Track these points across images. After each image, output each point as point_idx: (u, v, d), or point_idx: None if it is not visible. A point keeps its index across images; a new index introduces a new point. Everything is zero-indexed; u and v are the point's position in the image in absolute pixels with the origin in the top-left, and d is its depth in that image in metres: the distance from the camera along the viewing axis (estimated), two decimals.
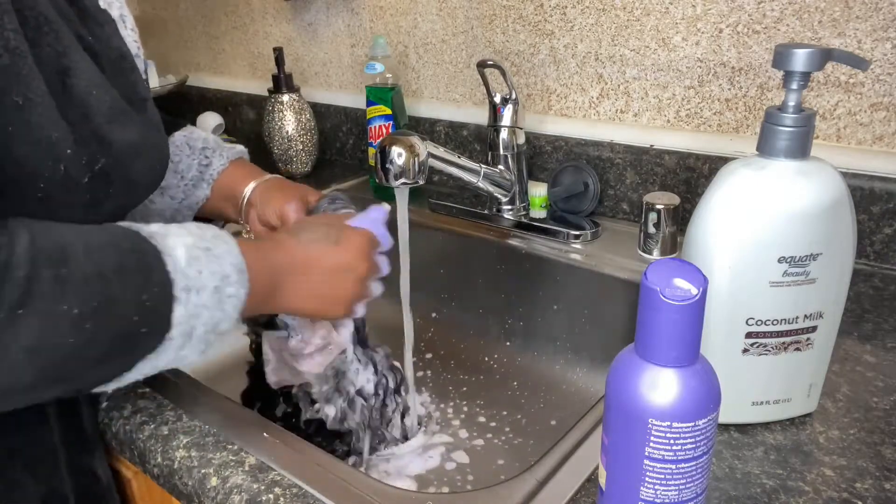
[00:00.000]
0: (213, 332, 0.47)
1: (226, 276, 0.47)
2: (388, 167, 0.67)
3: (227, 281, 0.47)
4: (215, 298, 0.46)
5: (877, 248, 0.75)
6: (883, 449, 0.49)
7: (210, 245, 0.47)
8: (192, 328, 0.45)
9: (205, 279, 0.46)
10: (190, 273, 0.45)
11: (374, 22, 1.13)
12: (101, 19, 0.52)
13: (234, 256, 0.48)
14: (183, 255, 0.45)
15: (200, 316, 0.46)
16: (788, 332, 0.49)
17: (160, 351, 0.45)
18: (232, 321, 0.48)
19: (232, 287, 0.47)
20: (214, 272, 0.46)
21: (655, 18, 0.83)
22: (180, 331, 0.45)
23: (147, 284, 0.43)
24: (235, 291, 0.48)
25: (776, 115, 0.46)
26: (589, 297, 0.81)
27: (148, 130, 0.53)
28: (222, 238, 0.49)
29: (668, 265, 0.35)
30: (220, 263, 0.47)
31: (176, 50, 1.56)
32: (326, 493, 0.48)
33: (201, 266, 0.46)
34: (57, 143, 0.44)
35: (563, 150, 0.94)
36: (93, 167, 0.47)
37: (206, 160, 0.71)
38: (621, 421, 0.37)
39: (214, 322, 0.47)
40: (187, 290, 0.45)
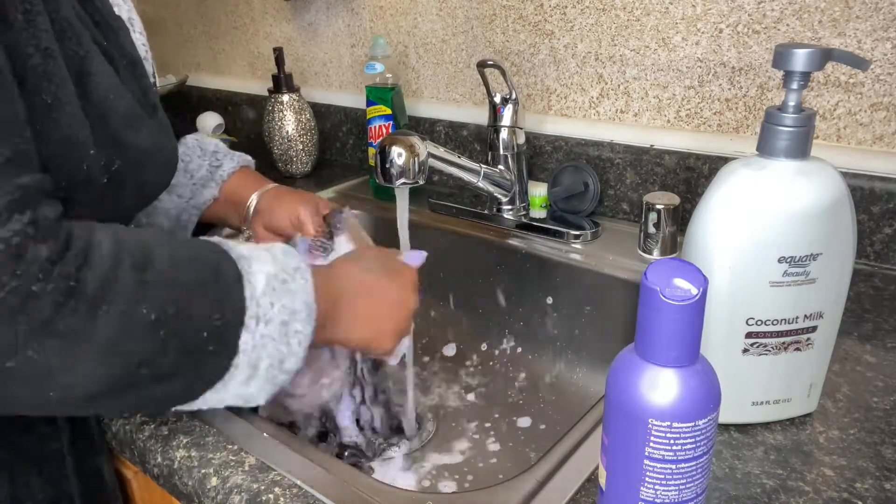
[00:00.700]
0: (279, 370, 0.47)
1: (295, 312, 0.47)
2: (388, 167, 0.67)
3: (295, 317, 0.47)
4: (282, 331, 0.46)
5: (877, 248, 0.75)
6: (883, 449, 0.49)
7: (288, 278, 0.47)
8: (258, 359, 0.45)
9: (275, 312, 0.46)
10: (263, 303, 0.45)
11: (374, 22, 1.13)
12: (115, 25, 0.53)
13: (307, 294, 0.48)
14: (262, 283, 0.45)
15: (266, 347, 0.45)
16: (788, 332, 0.49)
17: (227, 380, 0.44)
18: (298, 359, 0.48)
19: (299, 323, 0.47)
20: (286, 306, 0.46)
21: (655, 18, 0.83)
22: (246, 360, 0.44)
23: (221, 305, 0.43)
24: (302, 328, 0.47)
25: (776, 115, 0.46)
26: (589, 297, 0.81)
27: (159, 135, 0.54)
28: (301, 272, 0.49)
29: (668, 265, 0.35)
30: (293, 299, 0.47)
31: (176, 50, 1.56)
32: (326, 493, 0.48)
33: (275, 298, 0.46)
34: (82, 144, 0.45)
35: (563, 150, 0.94)
36: (109, 169, 0.47)
37: (217, 162, 0.72)
38: (621, 421, 0.37)
39: (280, 357, 0.46)
40: (256, 318, 0.44)
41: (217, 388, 0.45)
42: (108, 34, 0.51)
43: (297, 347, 0.47)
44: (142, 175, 0.52)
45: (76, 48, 0.46)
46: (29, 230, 0.36)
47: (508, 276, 0.89)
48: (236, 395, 0.46)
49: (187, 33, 1.51)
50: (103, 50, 0.49)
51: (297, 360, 0.48)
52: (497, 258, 0.89)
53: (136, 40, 0.56)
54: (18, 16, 0.41)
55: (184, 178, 0.71)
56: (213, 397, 0.45)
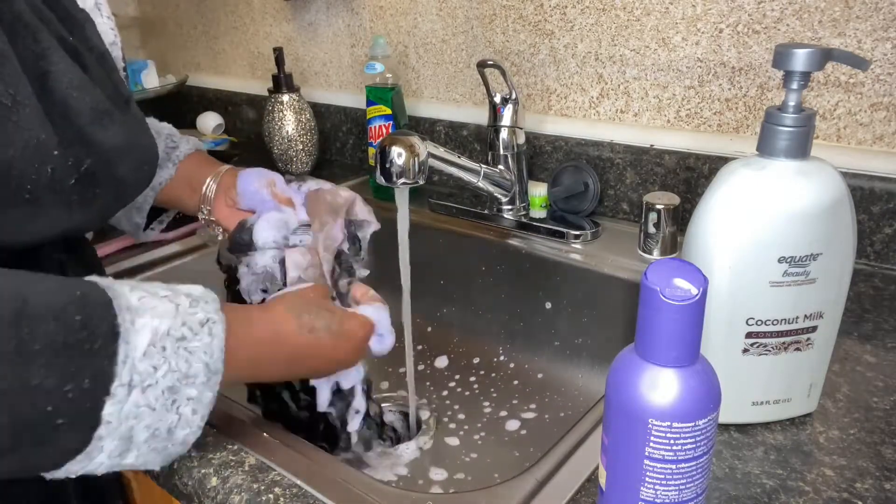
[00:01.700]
0: (167, 440, 0.42)
1: (189, 377, 0.41)
2: (388, 167, 0.67)
3: (188, 382, 0.41)
4: (167, 399, 0.40)
5: (877, 248, 0.75)
6: (883, 449, 0.49)
7: (188, 334, 0.41)
8: (131, 430, 0.39)
9: (158, 376, 0.40)
10: (141, 368, 0.39)
11: (374, 22, 1.13)
12: (80, 18, 0.51)
13: (213, 353, 0.42)
14: (144, 343, 0.39)
15: (141, 418, 0.39)
16: (788, 332, 0.49)
17: (90, 453, 0.39)
18: (195, 427, 0.43)
19: (194, 389, 0.41)
20: (175, 370, 0.40)
21: (655, 18, 0.83)
22: (113, 431, 0.39)
23: (78, 374, 0.37)
24: (198, 394, 0.42)
25: (776, 115, 0.46)
26: (589, 297, 0.81)
27: (132, 130, 0.53)
28: (210, 328, 0.43)
29: (668, 265, 0.35)
30: (189, 360, 0.41)
31: (176, 50, 1.56)
32: (326, 493, 0.48)
33: (161, 360, 0.40)
34: (44, 145, 0.43)
35: (563, 150, 0.94)
36: (79, 168, 0.46)
37: (172, 143, 0.72)
38: (621, 421, 0.37)
39: (166, 426, 0.41)
40: (129, 386, 0.38)
41: (79, 460, 0.39)
42: (72, 28, 0.49)
43: (192, 416, 0.42)
44: (115, 173, 0.50)
45: (32, 46, 0.44)
46: None
47: (508, 276, 0.89)
48: (110, 466, 0.41)
49: (187, 33, 1.51)
50: (67, 46, 0.47)
51: (192, 430, 0.43)
52: (497, 258, 0.89)
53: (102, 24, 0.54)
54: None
55: None
56: (77, 469, 0.40)
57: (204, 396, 0.42)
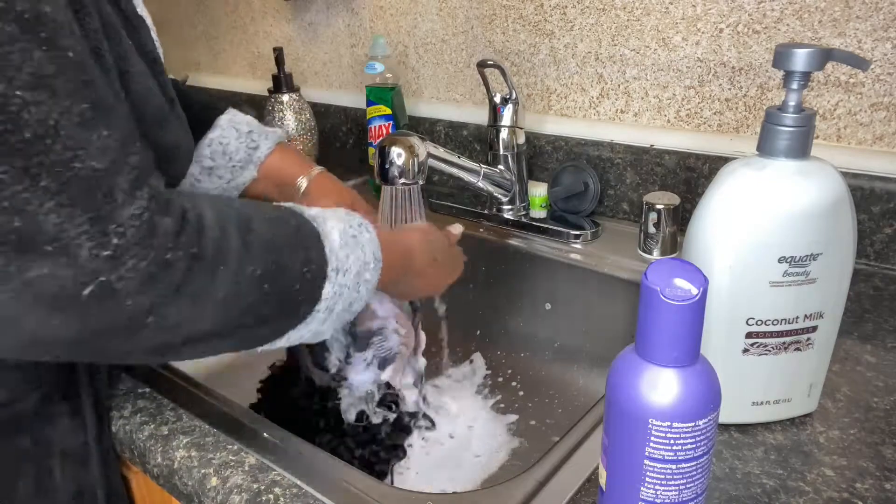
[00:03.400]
0: (347, 311, 0.52)
1: (366, 263, 0.52)
2: (387, 167, 0.67)
3: (366, 267, 0.52)
4: (356, 280, 0.51)
5: (877, 248, 0.75)
6: (883, 449, 0.49)
7: (356, 233, 0.52)
8: (335, 304, 0.50)
9: (350, 263, 0.50)
10: (341, 256, 0.49)
11: (374, 22, 1.13)
12: (137, 24, 0.53)
13: (375, 246, 0.53)
14: (337, 238, 0.50)
15: (342, 295, 0.50)
16: (788, 332, 0.49)
17: (308, 321, 0.49)
18: (363, 302, 0.53)
19: (369, 273, 0.52)
20: (359, 258, 0.51)
21: (655, 18, 0.83)
22: (326, 305, 0.49)
23: (308, 260, 0.47)
24: (371, 277, 0.52)
25: (776, 115, 0.46)
26: (589, 297, 0.81)
27: (179, 131, 0.56)
28: (365, 227, 0.53)
29: (668, 265, 0.35)
30: (364, 251, 0.52)
31: (176, 50, 1.56)
32: (326, 493, 0.48)
33: (349, 251, 0.50)
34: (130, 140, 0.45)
35: (563, 150, 0.94)
36: None
37: (253, 143, 0.74)
38: (621, 421, 0.37)
39: (350, 301, 0.51)
40: (336, 270, 0.49)
41: (299, 328, 0.49)
42: (132, 33, 0.51)
43: (365, 293, 0.53)
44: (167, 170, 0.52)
45: (117, 47, 0.47)
46: (151, 205, 0.39)
47: (508, 275, 0.89)
48: (313, 332, 0.50)
49: (187, 33, 1.51)
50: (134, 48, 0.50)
51: (362, 303, 0.53)
52: (497, 258, 0.89)
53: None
54: None
55: (222, 161, 0.72)
56: (293, 335, 0.49)
57: (373, 279, 0.53)
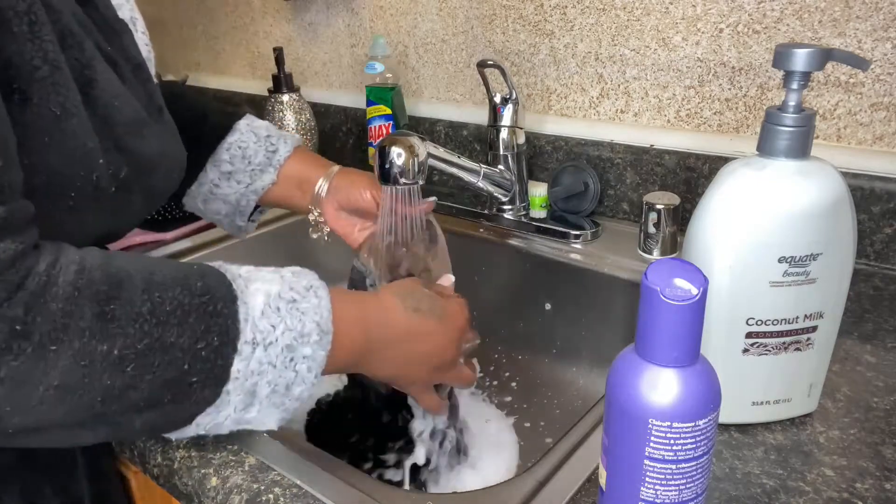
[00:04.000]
0: (285, 396, 0.44)
1: (304, 335, 0.44)
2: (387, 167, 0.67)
3: (304, 340, 0.44)
4: (285, 357, 0.43)
5: (877, 248, 0.75)
6: (883, 449, 0.49)
7: (297, 297, 0.45)
8: (255, 386, 0.43)
9: (277, 335, 0.43)
10: (261, 326, 0.42)
11: (374, 22, 1.13)
12: (118, 29, 0.52)
13: (321, 314, 0.45)
14: (260, 304, 0.43)
15: (265, 374, 0.43)
16: (788, 332, 0.49)
17: (219, 406, 0.42)
18: (309, 384, 0.45)
19: (309, 347, 0.44)
20: (291, 328, 0.43)
21: (655, 18, 0.83)
22: (239, 387, 0.42)
23: (207, 332, 0.40)
24: (312, 352, 0.44)
25: (776, 115, 0.46)
26: (589, 297, 0.81)
27: (165, 139, 0.54)
28: (315, 291, 0.46)
29: (668, 265, 0.35)
30: (302, 320, 0.44)
31: (176, 50, 1.56)
32: (326, 493, 0.47)
33: (277, 320, 0.43)
34: (90, 153, 0.44)
35: (563, 150, 0.94)
36: (118, 177, 0.47)
37: (272, 146, 0.72)
38: (621, 421, 0.37)
39: (285, 383, 0.44)
40: (253, 343, 0.42)
41: (208, 413, 0.42)
42: (111, 38, 0.50)
43: (307, 373, 0.45)
44: (149, 181, 0.51)
45: (79, 56, 0.45)
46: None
47: (508, 276, 0.89)
48: (235, 420, 0.44)
49: (187, 33, 1.51)
50: (106, 55, 0.48)
51: (307, 386, 0.45)
52: (497, 258, 0.89)
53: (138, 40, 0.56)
54: (24, 27, 0.40)
55: (242, 165, 0.71)
56: (207, 422, 0.43)
57: (317, 355, 0.45)
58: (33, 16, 0.40)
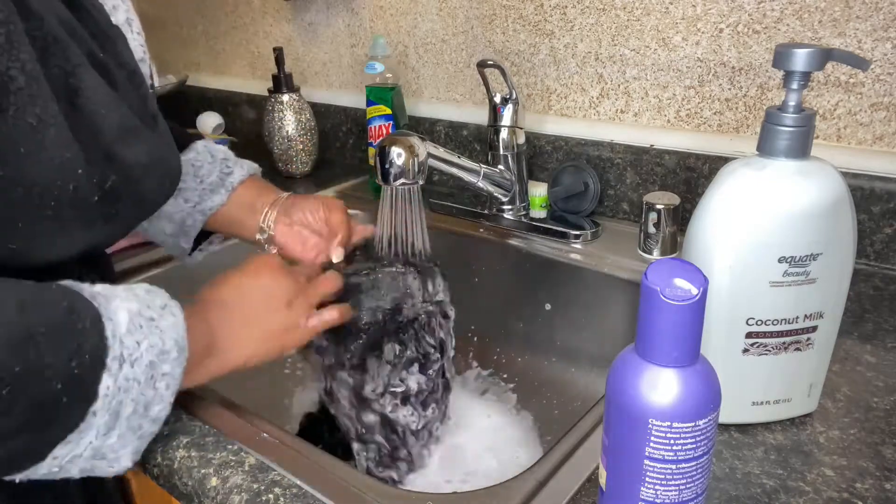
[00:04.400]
0: (143, 416, 0.44)
1: (164, 352, 0.44)
2: (387, 167, 0.67)
3: (164, 357, 0.44)
4: (148, 374, 0.43)
5: (877, 248, 0.75)
6: (883, 449, 0.49)
7: (155, 315, 0.45)
8: (120, 405, 0.42)
9: (142, 351, 0.43)
10: (128, 342, 0.42)
11: (374, 22, 1.13)
12: (111, 34, 0.51)
13: (178, 332, 0.46)
14: (125, 321, 0.42)
15: (130, 391, 0.42)
16: (789, 332, 0.49)
17: (82, 430, 0.41)
18: (166, 404, 0.45)
19: (168, 364, 0.44)
20: (154, 345, 0.43)
21: (655, 18, 0.83)
22: (106, 405, 0.41)
23: (79, 350, 0.39)
24: (171, 370, 0.45)
25: (776, 115, 0.46)
26: (589, 297, 0.81)
27: (158, 147, 0.53)
28: (170, 310, 0.46)
29: (668, 265, 0.35)
30: (162, 337, 0.44)
31: (176, 50, 1.56)
32: (326, 493, 0.48)
33: (141, 336, 0.43)
34: (69, 164, 0.43)
35: (563, 150, 0.94)
36: (103, 186, 0.46)
37: (227, 168, 0.72)
38: (621, 421, 0.37)
39: (145, 401, 0.43)
40: (120, 360, 0.41)
41: (69, 441, 0.40)
42: (104, 44, 0.49)
43: (165, 391, 0.45)
44: (139, 189, 0.50)
45: (62, 64, 0.44)
46: None
47: (508, 276, 0.89)
48: (94, 449, 0.42)
49: (187, 33, 1.51)
50: (98, 62, 0.47)
51: (164, 405, 0.45)
52: (497, 258, 0.89)
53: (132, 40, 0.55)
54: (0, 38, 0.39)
55: (193, 183, 0.70)
56: (65, 454, 0.41)
57: (175, 372, 0.45)
58: (11, 26, 0.40)
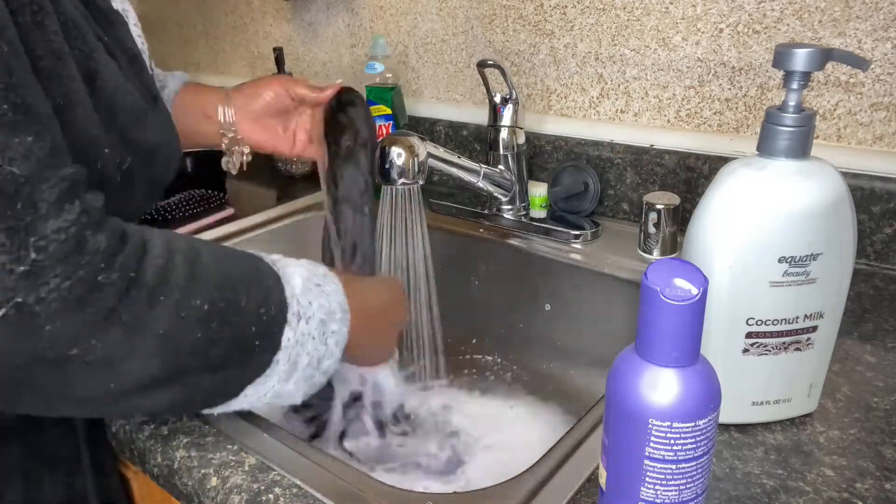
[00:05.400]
0: (316, 369, 0.48)
1: (332, 312, 0.49)
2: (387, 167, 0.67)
3: (332, 317, 0.49)
4: (320, 331, 0.48)
5: (877, 248, 0.75)
6: (883, 449, 0.49)
7: (321, 282, 0.49)
8: (298, 356, 0.46)
9: (314, 310, 0.47)
10: (303, 301, 0.47)
11: (374, 22, 1.13)
12: (113, 20, 0.52)
13: (340, 296, 0.50)
14: (299, 283, 0.47)
15: (306, 344, 0.47)
16: (789, 332, 0.49)
17: (268, 375, 0.45)
18: (335, 359, 0.50)
19: (335, 324, 0.49)
20: (322, 306, 0.48)
21: (655, 18, 0.83)
22: (286, 355, 0.46)
23: (266, 300, 0.44)
24: (338, 328, 0.49)
25: (776, 115, 0.46)
26: (589, 297, 0.81)
27: (163, 128, 0.54)
28: (330, 278, 0.51)
29: (668, 265, 0.35)
30: (329, 299, 0.49)
31: (176, 50, 1.56)
32: (326, 493, 0.47)
33: (313, 297, 0.48)
34: (96, 144, 0.45)
35: (563, 150, 0.94)
36: (122, 167, 0.48)
37: (160, 83, 0.71)
38: (621, 421, 0.37)
39: (318, 355, 0.48)
40: (298, 316, 0.46)
41: (258, 382, 0.45)
42: (107, 29, 0.50)
43: (335, 347, 0.49)
44: (150, 170, 0.52)
45: (82, 46, 0.45)
46: (83, 219, 0.37)
47: (508, 275, 0.89)
48: (275, 392, 0.47)
49: (187, 33, 1.51)
50: (105, 46, 0.48)
51: (334, 360, 0.50)
52: (497, 258, 0.89)
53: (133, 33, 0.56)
54: (27, 18, 0.40)
55: None
56: (253, 393, 0.46)
57: (341, 331, 0.50)
58: (36, 6, 0.41)
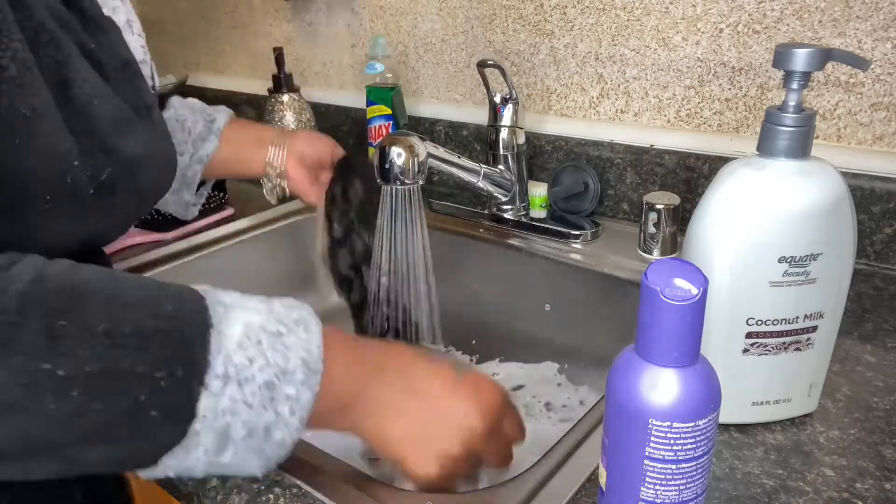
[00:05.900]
0: (265, 441, 0.39)
1: (286, 372, 0.39)
2: (387, 167, 0.67)
3: (286, 378, 0.39)
4: (264, 396, 0.38)
5: (877, 248, 0.75)
6: (883, 449, 0.49)
7: (284, 330, 0.40)
8: (227, 427, 0.38)
9: (254, 370, 0.38)
10: (236, 360, 0.38)
11: (374, 22, 1.13)
12: (104, 26, 0.51)
13: (310, 350, 0.40)
14: (237, 334, 0.38)
15: (238, 414, 0.38)
16: (789, 332, 0.49)
17: (186, 447, 0.37)
18: (293, 429, 0.40)
19: (293, 387, 0.39)
20: (271, 364, 0.38)
21: (655, 18, 0.83)
22: (209, 426, 0.37)
23: (169, 362, 0.36)
24: (296, 393, 0.39)
25: (776, 115, 0.46)
26: (589, 297, 0.81)
27: (153, 138, 0.52)
28: (306, 324, 0.41)
29: (668, 265, 0.35)
30: (285, 355, 0.39)
31: (176, 50, 1.56)
32: (326, 493, 0.47)
33: (256, 353, 0.38)
34: (64, 156, 0.43)
35: (563, 150, 0.94)
36: (98, 178, 0.45)
37: (209, 116, 0.75)
38: (621, 421, 0.37)
39: (263, 425, 0.39)
40: (225, 378, 0.37)
41: (175, 454, 0.38)
42: (95, 35, 0.49)
43: (290, 417, 0.39)
44: (135, 181, 0.50)
45: (54, 54, 0.43)
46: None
47: (508, 276, 0.89)
48: (208, 464, 0.39)
49: (187, 33, 1.51)
50: (88, 53, 0.47)
51: (290, 431, 0.40)
52: (497, 258, 0.89)
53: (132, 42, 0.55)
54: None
55: (183, 136, 0.73)
56: (177, 465, 0.38)
57: (302, 396, 0.40)
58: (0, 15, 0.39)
